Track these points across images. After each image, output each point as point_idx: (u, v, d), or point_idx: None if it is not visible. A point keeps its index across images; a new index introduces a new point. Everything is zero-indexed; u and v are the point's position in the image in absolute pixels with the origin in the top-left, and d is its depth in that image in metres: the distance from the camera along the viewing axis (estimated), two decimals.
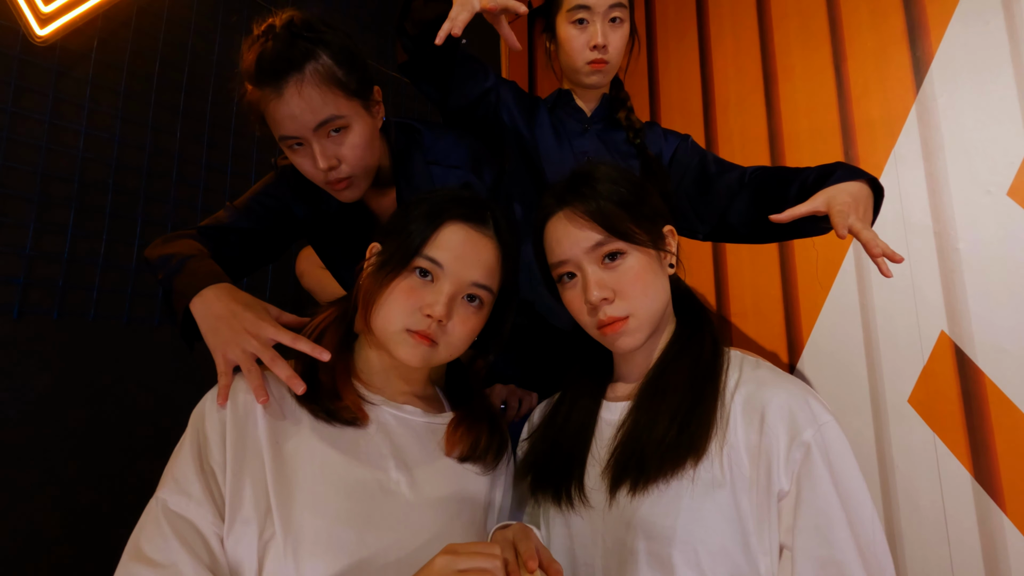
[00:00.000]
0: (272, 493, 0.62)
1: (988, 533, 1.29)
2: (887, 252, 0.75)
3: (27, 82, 1.27)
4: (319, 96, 0.86)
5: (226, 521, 0.61)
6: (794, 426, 0.65)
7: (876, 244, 0.75)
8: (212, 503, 0.62)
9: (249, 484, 0.63)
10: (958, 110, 1.46)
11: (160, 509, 0.61)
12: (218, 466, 0.63)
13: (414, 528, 0.66)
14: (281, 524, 0.61)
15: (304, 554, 0.60)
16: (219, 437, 0.65)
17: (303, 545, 0.60)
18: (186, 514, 0.60)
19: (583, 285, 0.74)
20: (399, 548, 0.64)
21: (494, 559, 0.55)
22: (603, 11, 1.19)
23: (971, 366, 1.36)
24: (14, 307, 1.20)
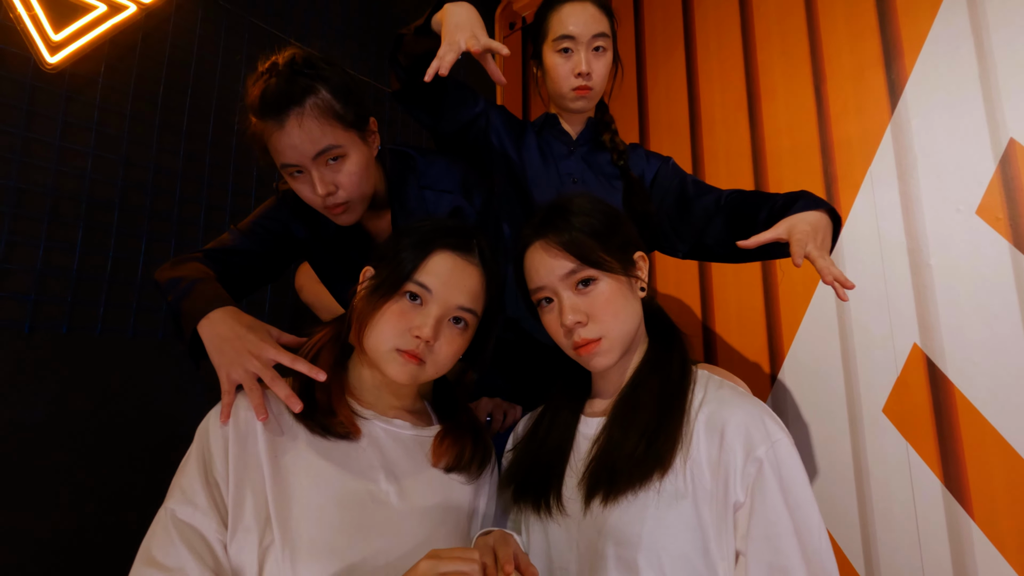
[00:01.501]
0: (271, 503, 0.68)
1: (957, 538, 1.35)
2: (839, 278, 0.81)
3: (38, 107, 1.34)
4: (318, 127, 0.92)
5: (229, 529, 0.67)
6: (749, 443, 0.71)
7: (828, 272, 0.81)
8: (216, 512, 0.67)
9: (250, 495, 0.69)
10: (930, 131, 1.52)
11: (169, 518, 0.67)
12: (221, 478, 0.69)
13: (402, 535, 0.72)
14: (279, 532, 0.66)
15: (300, 559, 0.66)
16: (222, 452, 0.71)
17: (300, 551, 0.66)
18: (192, 522, 0.66)
19: (559, 309, 0.80)
20: (388, 554, 0.70)
21: (473, 563, 0.61)
22: (586, 41, 1.25)
23: (942, 378, 1.42)
24: (25, 322, 1.26)
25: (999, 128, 1.42)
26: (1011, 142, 1.40)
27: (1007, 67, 1.43)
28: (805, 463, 1.54)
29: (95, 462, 1.31)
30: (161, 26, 1.56)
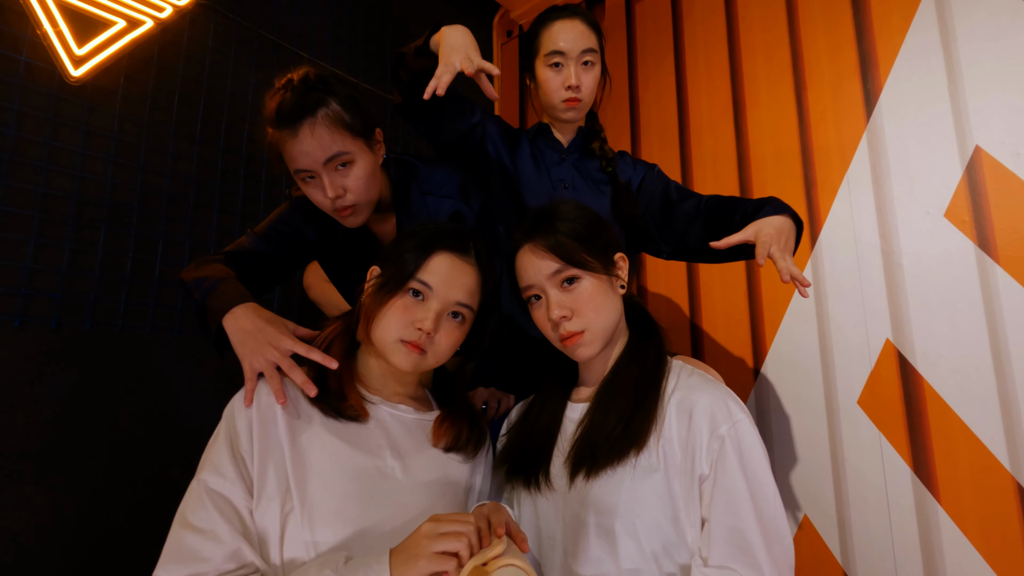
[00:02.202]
0: (291, 476, 0.77)
1: (925, 520, 1.44)
2: (796, 277, 0.90)
3: (63, 117, 1.42)
4: (328, 136, 1.01)
5: (254, 497, 0.76)
6: (714, 422, 0.80)
7: (787, 271, 0.90)
8: (243, 483, 0.76)
9: (272, 468, 0.78)
10: (903, 138, 1.61)
11: (202, 487, 0.75)
12: (247, 454, 0.78)
13: (406, 505, 0.81)
14: (299, 500, 0.75)
15: (317, 523, 0.75)
16: (247, 431, 0.80)
17: (316, 517, 0.75)
18: (222, 491, 0.75)
19: (546, 305, 0.89)
20: (393, 520, 0.79)
21: (469, 525, 0.70)
22: (576, 56, 1.33)
23: (912, 371, 1.51)
24: (52, 319, 1.35)
25: (966, 136, 1.51)
26: (977, 149, 1.49)
27: (973, 79, 1.52)
28: (786, 452, 1.64)
29: (116, 448, 1.40)
30: (176, 39, 1.64)
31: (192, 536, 0.72)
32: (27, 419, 1.29)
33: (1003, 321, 1.40)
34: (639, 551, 0.78)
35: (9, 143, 1.33)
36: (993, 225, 1.45)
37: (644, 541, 0.78)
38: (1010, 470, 1.35)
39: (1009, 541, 1.33)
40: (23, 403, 1.29)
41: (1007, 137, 1.45)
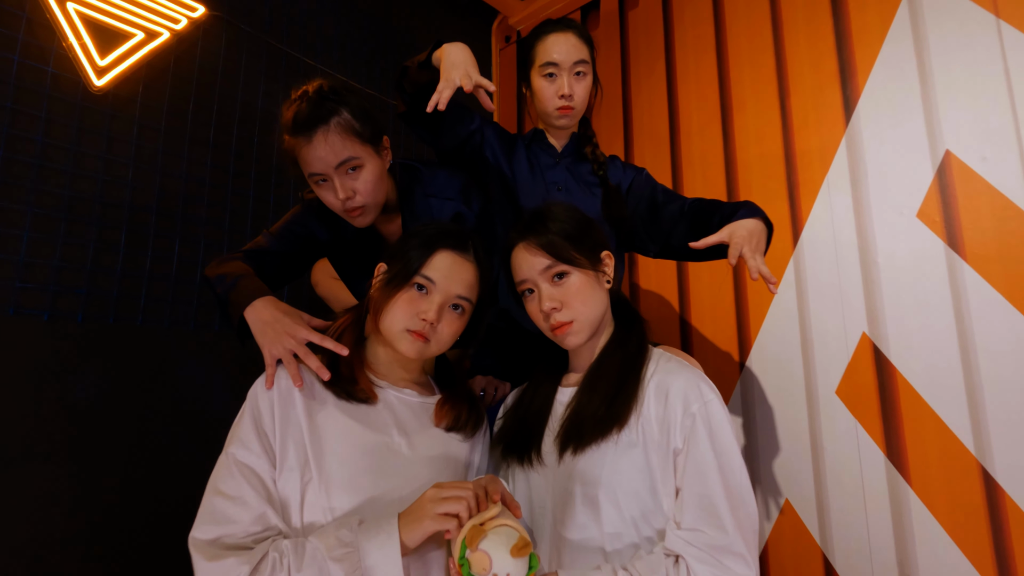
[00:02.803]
0: (309, 450, 0.86)
1: (897, 503, 1.53)
2: (764, 275, 0.99)
3: (86, 124, 1.51)
4: (340, 142, 1.10)
5: (277, 468, 0.85)
6: (687, 401, 0.89)
7: (756, 269, 0.99)
8: (267, 456, 0.85)
9: (292, 444, 0.87)
10: (879, 143, 1.70)
11: (230, 459, 0.84)
12: (269, 430, 0.87)
13: (412, 477, 0.90)
14: (316, 471, 0.85)
15: (333, 492, 0.84)
16: (269, 410, 0.89)
17: (332, 485, 0.84)
18: (249, 463, 0.84)
19: (539, 298, 0.98)
20: (401, 490, 0.88)
21: (468, 491, 0.79)
22: (569, 66, 1.42)
23: (886, 363, 1.60)
24: (79, 313, 1.44)
25: (937, 140, 1.60)
26: (947, 153, 1.58)
27: (944, 87, 1.61)
28: (769, 440, 1.74)
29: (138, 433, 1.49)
30: (190, 49, 1.74)
31: (223, 502, 0.81)
32: (57, 406, 1.38)
33: (970, 315, 1.49)
34: (620, 517, 0.88)
35: (38, 149, 1.42)
36: (961, 225, 1.54)
37: (624, 508, 0.87)
38: (975, 454, 1.44)
39: (974, 521, 1.42)
40: (53, 391, 1.38)
41: (975, 142, 1.54)
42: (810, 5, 1.87)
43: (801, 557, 1.66)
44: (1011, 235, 1.47)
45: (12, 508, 1.29)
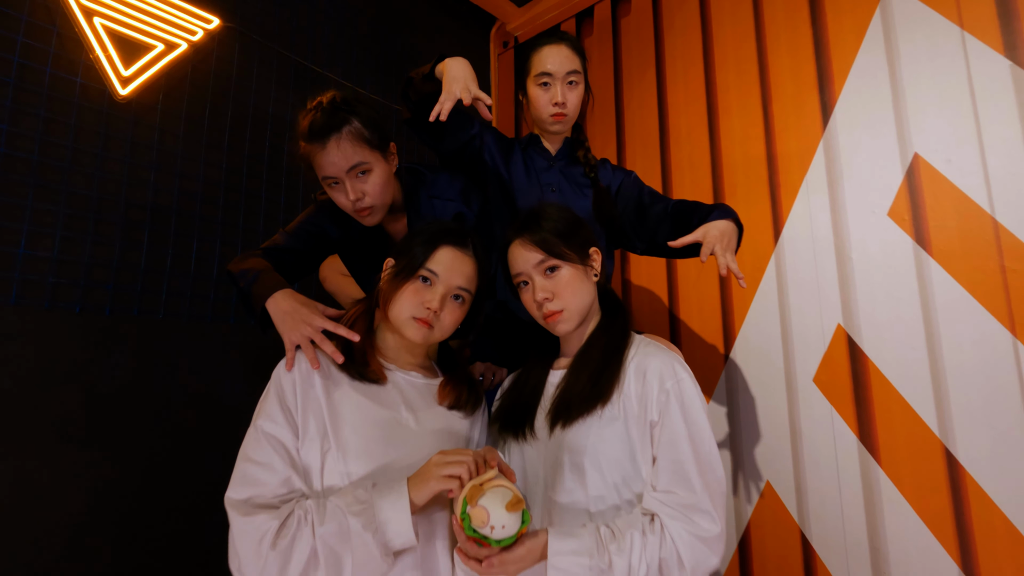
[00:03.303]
0: (327, 423, 0.97)
1: (868, 483, 1.64)
2: (732, 270, 1.10)
3: (112, 131, 1.62)
4: (351, 148, 1.21)
5: (299, 439, 0.96)
6: (662, 380, 1.00)
7: (724, 265, 1.11)
8: (291, 428, 0.96)
9: (312, 418, 0.98)
10: (853, 147, 1.81)
11: (259, 431, 0.95)
12: (292, 406, 0.98)
13: (418, 448, 1.01)
14: (334, 441, 0.95)
15: (350, 459, 0.95)
16: (291, 388, 1.00)
17: (349, 454, 0.95)
18: (275, 433, 0.95)
19: (533, 289, 1.09)
20: (409, 459, 0.98)
21: (469, 457, 0.90)
22: (562, 76, 1.53)
23: (860, 352, 1.71)
24: (107, 307, 1.55)
25: (906, 144, 1.71)
26: (915, 156, 1.69)
27: (913, 94, 1.72)
28: (751, 427, 1.85)
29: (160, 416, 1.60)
30: (206, 59, 1.84)
31: (253, 467, 0.92)
32: (88, 392, 1.49)
33: (935, 307, 1.60)
34: (603, 482, 0.98)
35: (68, 154, 1.53)
36: (928, 223, 1.65)
37: (607, 474, 0.98)
38: (939, 436, 1.55)
39: (937, 497, 1.53)
40: (84, 378, 1.49)
41: (941, 145, 1.65)
42: (791, 17, 1.98)
43: (781, 535, 1.78)
44: (973, 232, 1.58)
45: (47, 487, 1.40)
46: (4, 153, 1.42)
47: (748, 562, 1.83)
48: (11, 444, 1.37)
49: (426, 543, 0.96)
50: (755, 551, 1.83)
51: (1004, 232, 1.53)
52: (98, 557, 1.45)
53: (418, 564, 0.94)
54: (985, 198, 1.57)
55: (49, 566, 1.38)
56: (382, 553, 0.87)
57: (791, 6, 1.99)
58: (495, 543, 0.86)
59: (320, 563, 0.86)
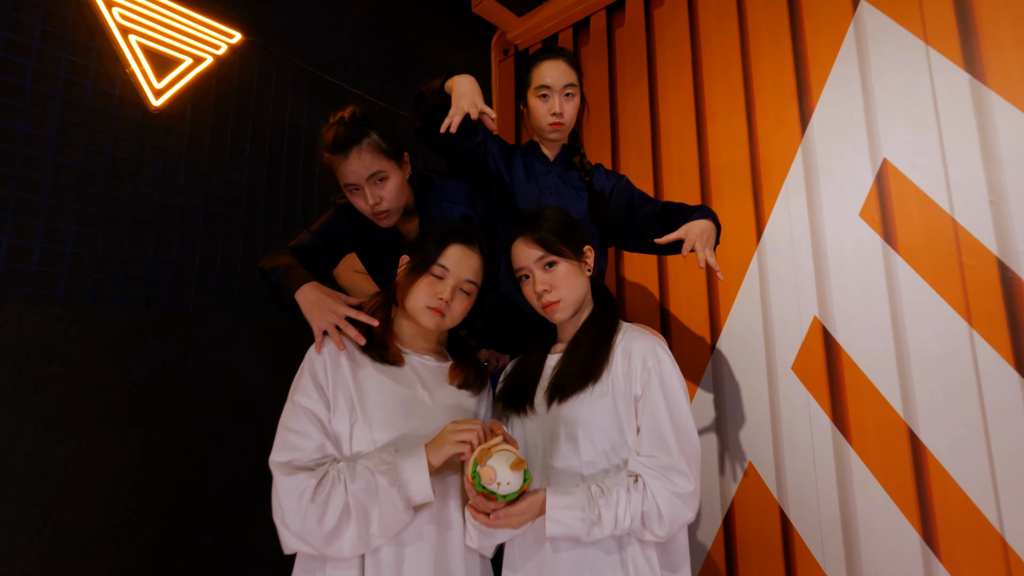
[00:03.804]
0: (354, 398, 1.12)
1: (840, 462, 1.79)
2: (711, 265, 1.25)
3: (146, 139, 1.77)
4: (370, 158, 1.35)
5: (331, 411, 1.11)
6: (644, 360, 1.14)
7: (703, 260, 1.25)
8: (323, 402, 1.11)
9: (341, 393, 1.12)
10: (829, 152, 1.96)
11: (296, 405, 1.10)
12: (323, 383, 1.13)
13: (433, 420, 1.15)
14: (361, 413, 1.10)
15: (374, 429, 1.09)
16: (322, 368, 1.14)
17: (373, 424, 1.10)
18: (309, 407, 1.10)
19: (533, 282, 1.24)
20: (425, 428, 1.13)
21: (477, 425, 1.05)
22: (559, 89, 1.67)
23: (834, 342, 1.86)
24: (142, 300, 1.70)
25: (876, 150, 1.86)
26: (884, 161, 1.84)
27: (883, 104, 1.86)
28: (735, 412, 2.00)
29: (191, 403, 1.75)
30: (229, 71, 1.99)
31: (292, 435, 1.07)
32: (129, 377, 1.63)
33: (901, 300, 1.75)
34: (594, 449, 1.13)
35: (108, 161, 1.67)
36: (895, 223, 1.80)
37: (598, 442, 1.13)
38: (904, 419, 1.70)
39: (902, 474, 1.68)
40: (124, 364, 1.63)
41: (907, 151, 1.80)
42: (773, 31, 2.13)
43: (762, 511, 1.92)
44: (936, 231, 1.72)
45: (92, 463, 1.55)
46: (53, 161, 1.57)
47: (732, 537, 1.98)
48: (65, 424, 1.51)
49: (441, 500, 1.11)
50: (738, 527, 1.97)
51: (963, 231, 1.67)
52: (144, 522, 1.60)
53: (434, 518, 1.09)
54: (946, 200, 1.71)
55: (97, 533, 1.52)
56: (405, 506, 1.02)
57: (773, 21, 2.14)
58: (501, 498, 1.01)
59: (352, 515, 1.01)
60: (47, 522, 1.46)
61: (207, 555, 1.70)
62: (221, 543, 1.73)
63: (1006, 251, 1.60)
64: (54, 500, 1.48)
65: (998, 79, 1.68)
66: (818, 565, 1.79)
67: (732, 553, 1.98)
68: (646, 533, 1.06)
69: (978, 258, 1.64)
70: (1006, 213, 1.62)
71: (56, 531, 1.47)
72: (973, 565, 1.56)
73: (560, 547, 1.10)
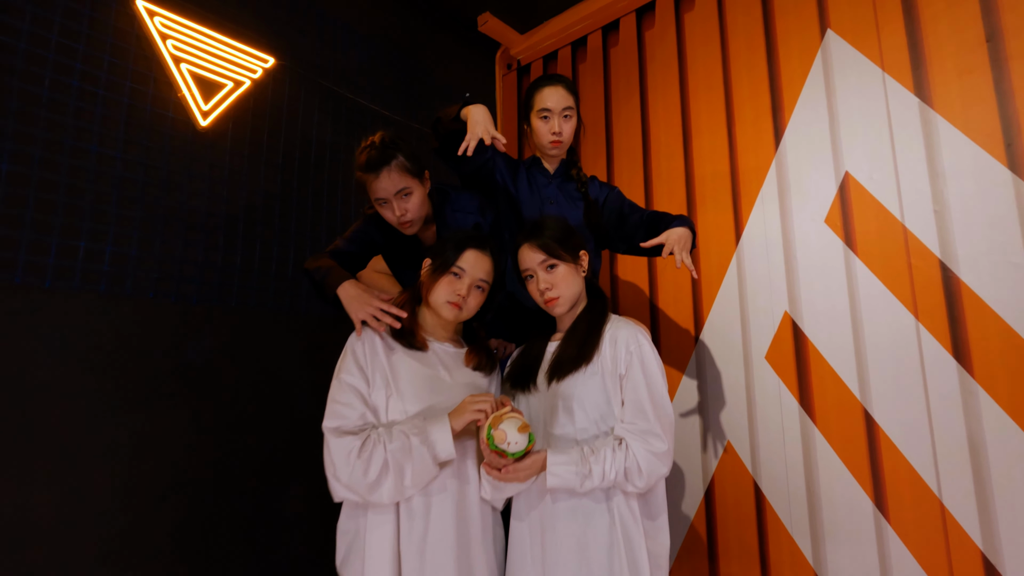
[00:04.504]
0: (389, 376, 1.36)
1: (806, 440, 2.03)
2: (687, 265, 1.49)
3: (195, 155, 2.01)
4: (397, 177, 1.59)
5: (370, 387, 1.35)
6: (627, 345, 1.38)
7: (679, 261, 1.49)
8: (364, 379, 1.35)
9: (378, 372, 1.36)
10: (799, 165, 2.19)
11: (342, 382, 1.34)
12: (363, 363, 1.37)
13: (453, 395, 1.39)
14: (395, 389, 1.34)
15: (406, 401, 1.34)
16: (362, 351, 1.38)
17: (405, 398, 1.34)
18: (353, 384, 1.34)
19: (536, 281, 1.48)
20: (447, 402, 1.37)
21: (491, 398, 1.29)
22: (559, 111, 1.91)
23: (802, 334, 2.10)
24: (193, 297, 1.94)
25: (839, 164, 2.10)
26: (846, 174, 2.08)
27: (845, 123, 2.10)
28: (716, 396, 2.25)
29: (233, 388, 1.99)
30: (263, 93, 2.23)
31: (339, 406, 1.31)
32: (183, 363, 1.88)
33: (859, 296, 1.99)
34: (587, 419, 1.37)
35: (163, 175, 1.92)
36: (855, 228, 2.03)
37: (589, 413, 1.37)
38: (860, 400, 1.94)
39: (858, 448, 1.92)
40: (178, 352, 1.88)
41: (865, 165, 2.04)
42: (751, 56, 2.37)
43: (738, 485, 2.17)
44: (889, 236, 1.96)
45: (153, 437, 1.79)
46: (119, 175, 1.81)
47: (712, 507, 2.23)
48: (131, 403, 1.76)
49: (460, 460, 1.35)
50: (718, 498, 2.22)
51: (911, 236, 1.91)
52: (198, 488, 1.84)
53: (455, 473, 1.34)
54: (897, 209, 1.95)
55: (158, 493, 1.77)
56: (433, 462, 1.27)
57: (751, 47, 2.37)
58: (511, 455, 1.25)
59: (390, 469, 1.25)
60: (120, 483, 1.70)
61: (248, 517, 1.95)
62: (260, 507, 1.98)
63: (947, 254, 1.84)
64: (124, 466, 1.72)
65: (943, 103, 1.92)
66: (786, 530, 2.03)
67: (712, 522, 2.23)
68: (628, 485, 1.30)
69: (923, 260, 1.88)
70: (948, 221, 1.86)
71: (128, 489, 1.71)
72: (917, 527, 1.80)
73: (558, 498, 1.34)
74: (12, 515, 1.52)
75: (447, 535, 1.30)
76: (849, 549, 1.90)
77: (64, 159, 1.71)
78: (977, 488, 1.71)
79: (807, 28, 2.24)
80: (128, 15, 1.89)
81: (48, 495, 1.58)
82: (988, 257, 1.77)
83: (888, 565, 1.83)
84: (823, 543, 1.96)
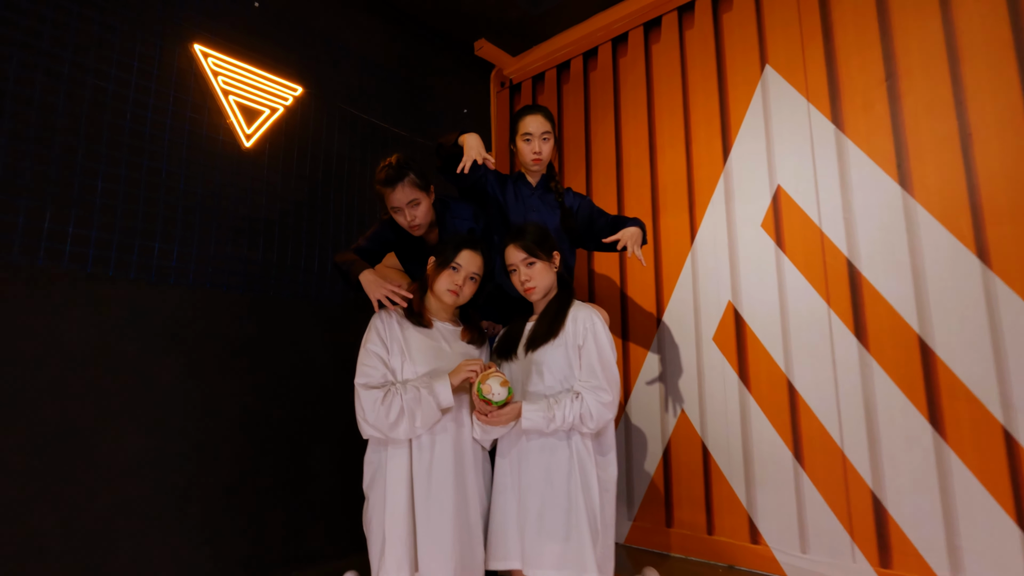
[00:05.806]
0: (403, 346, 1.79)
1: (743, 407, 2.47)
2: (638, 257, 1.93)
3: (240, 171, 2.43)
4: (409, 190, 2.01)
5: (389, 354, 1.78)
6: (584, 323, 1.81)
7: (630, 253, 1.93)
8: (384, 347, 1.78)
9: (395, 343, 1.80)
10: (741, 178, 2.62)
11: (368, 350, 1.77)
12: (383, 336, 1.80)
13: (452, 360, 1.82)
14: (408, 356, 1.78)
15: (417, 364, 1.77)
16: (382, 326, 1.82)
17: (417, 362, 1.77)
18: (376, 351, 1.77)
19: (518, 274, 1.90)
20: (448, 366, 1.80)
21: (480, 361, 1.73)
22: (539, 135, 2.33)
23: (741, 320, 2.53)
24: (240, 287, 2.37)
25: (774, 178, 2.52)
26: (778, 187, 2.51)
27: (778, 144, 2.52)
28: (674, 371, 2.69)
29: (271, 366, 2.43)
30: (294, 117, 2.65)
31: (366, 367, 1.75)
32: (231, 342, 2.31)
33: (786, 288, 2.42)
34: (554, 379, 1.81)
35: (216, 187, 2.35)
36: (784, 232, 2.47)
37: (556, 375, 1.80)
38: (784, 372, 2.38)
39: (782, 412, 2.36)
40: (225, 336, 2.31)
41: (793, 180, 2.47)
42: (705, 85, 2.79)
43: (689, 446, 2.60)
44: (810, 239, 2.39)
45: (207, 402, 2.22)
46: (183, 190, 2.24)
47: (669, 465, 2.66)
48: (185, 373, 2.19)
49: (457, 408, 1.79)
50: (673, 457, 2.65)
51: (826, 239, 2.35)
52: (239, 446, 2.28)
53: (453, 418, 1.77)
54: (816, 216, 2.38)
55: (210, 447, 2.21)
56: (437, 408, 1.71)
57: (706, 77, 2.80)
58: (495, 403, 1.69)
59: (405, 413, 1.69)
60: (181, 438, 2.14)
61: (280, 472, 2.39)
62: (291, 464, 2.42)
63: (853, 253, 2.28)
64: (184, 425, 2.16)
65: (852, 130, 2.34)
66: (726, 480, 2.47)
67: (669, 477, 2.67)
68: (583, 427, 1.74)
69: (835, 258, 2.31)
70: (853, 226, 2.29)
71: (190, 442, 2.15)
72: (824, 472, 2.24)
73: (531, 437, 1.78)
74: (119, 454, 1.96)
75: (447, 464, 1.73)
76: (774, 492, 2.35)
77: (142, 176, 2.14)
78: (869, 439, 2.15)
79: (750, 63, 2.66)
80: (188, 57, 2.32)
81: (143, 440, 2.02)
82: (881, 256, 2.21)
83: (803, 504, 2.27)
84: (755, 489, 2.40)
